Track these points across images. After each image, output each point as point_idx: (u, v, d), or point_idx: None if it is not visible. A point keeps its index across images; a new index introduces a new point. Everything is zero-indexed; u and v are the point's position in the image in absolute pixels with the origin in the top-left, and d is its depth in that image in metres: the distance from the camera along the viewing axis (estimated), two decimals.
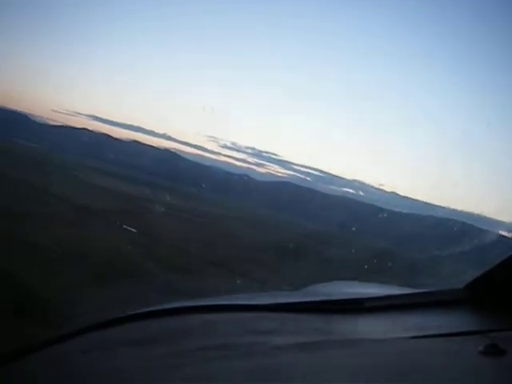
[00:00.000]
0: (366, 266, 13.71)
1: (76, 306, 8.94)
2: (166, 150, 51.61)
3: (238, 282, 14.10)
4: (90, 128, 57.23)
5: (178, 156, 50.69)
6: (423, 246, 19.59)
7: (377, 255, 16.65)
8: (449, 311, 1.76)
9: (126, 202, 25.78)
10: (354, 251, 17.04)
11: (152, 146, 52.50)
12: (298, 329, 1.51)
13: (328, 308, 1.67)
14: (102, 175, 35.67)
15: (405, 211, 30.37)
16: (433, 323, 1.66)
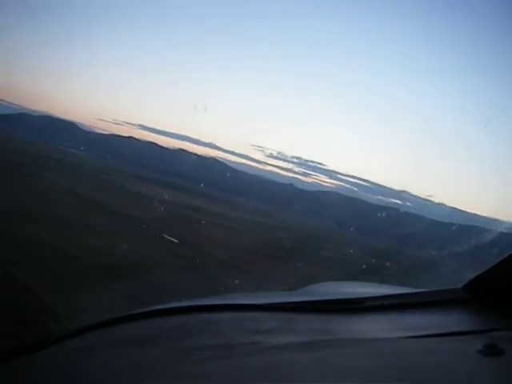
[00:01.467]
0: None
1: None
2: (212, 159, 51.41)
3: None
4: (137, 137, 57.76)
5: (224, 165, 50.47)
6: None
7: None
8: (448, 311, 1.74)
9: (170, 210, 24.96)
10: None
11: (198, 155, 52.44)
12: (297, 328, 1.49)
13: (327, 308, 1.66)
14: (148, 183, 35.40)
15: (463, 223, 28.43)
16: (432, 323, 1.63)
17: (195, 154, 52.70)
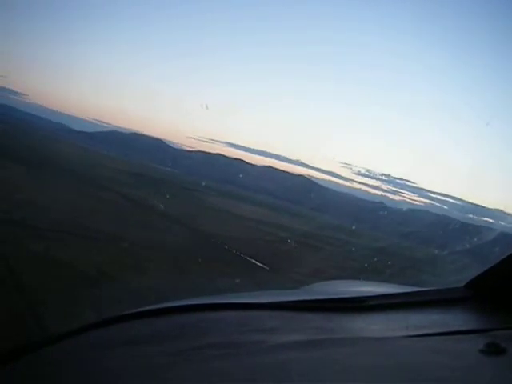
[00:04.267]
0: None
1: None
2: (300, 176, 50.68)
3: None
4: (225, 154, 58.18)
5: (312, 182, 49.54)
6: None
7: None
8: (450, 309, 1.74)
9: (257, 229, 23.95)
10: None
11: (286, 172, 51.80)
12: (299, 327, 1.49)
13: (329, 306, 1.66)
14: (234, 200, 34.82)
15: None
16: (433, 322, 1.62)
17: (283, 171, 52.14)
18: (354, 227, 32.78)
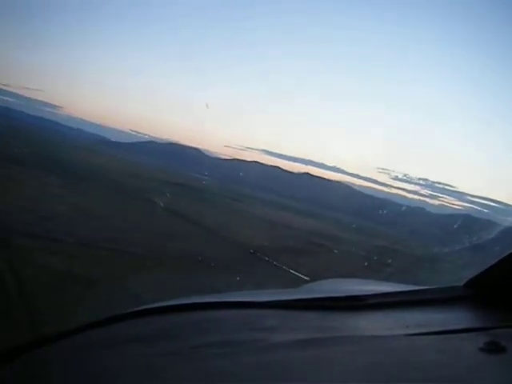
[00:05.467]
0: None
1: None
2: (338, 183, 50.20)
3: None
4: (261, 161, 58.20)
5: (351, 188, 49.02)
6: None
7: None
8: (449, 308, 1.74)
9: (297, 238, 23.57)
10: None
11: (324, 178, 51.41)
12: (299, 326, 1.49)
13: (328, 305, 1.66)
14: (272, 208, 34.54)
15: None
16: (433, 320, 1.62)
17: (320, 178, 51.79)
18: (396, 234, 32.23)
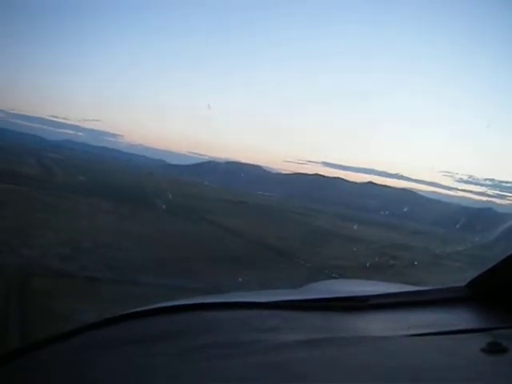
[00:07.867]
0: None
1: None
2: (403, 190, 49.00)
3: None
4: (322, 173, 57.72)
5: (416, 194, 47.65)
6: None
7: None
8: (451, 309, 1.74)
9: (373, 252, 22.56)
10: None
11: (388, 186, 50.38)
12: (301, 326, 1.49)
13: (330, 306, 1.66)
14: (340, 220, 33.73)
15: None
16: (435, 321, 1.61)
17: (385, 186, 50.75)
18: (468, 238, 30.84)
